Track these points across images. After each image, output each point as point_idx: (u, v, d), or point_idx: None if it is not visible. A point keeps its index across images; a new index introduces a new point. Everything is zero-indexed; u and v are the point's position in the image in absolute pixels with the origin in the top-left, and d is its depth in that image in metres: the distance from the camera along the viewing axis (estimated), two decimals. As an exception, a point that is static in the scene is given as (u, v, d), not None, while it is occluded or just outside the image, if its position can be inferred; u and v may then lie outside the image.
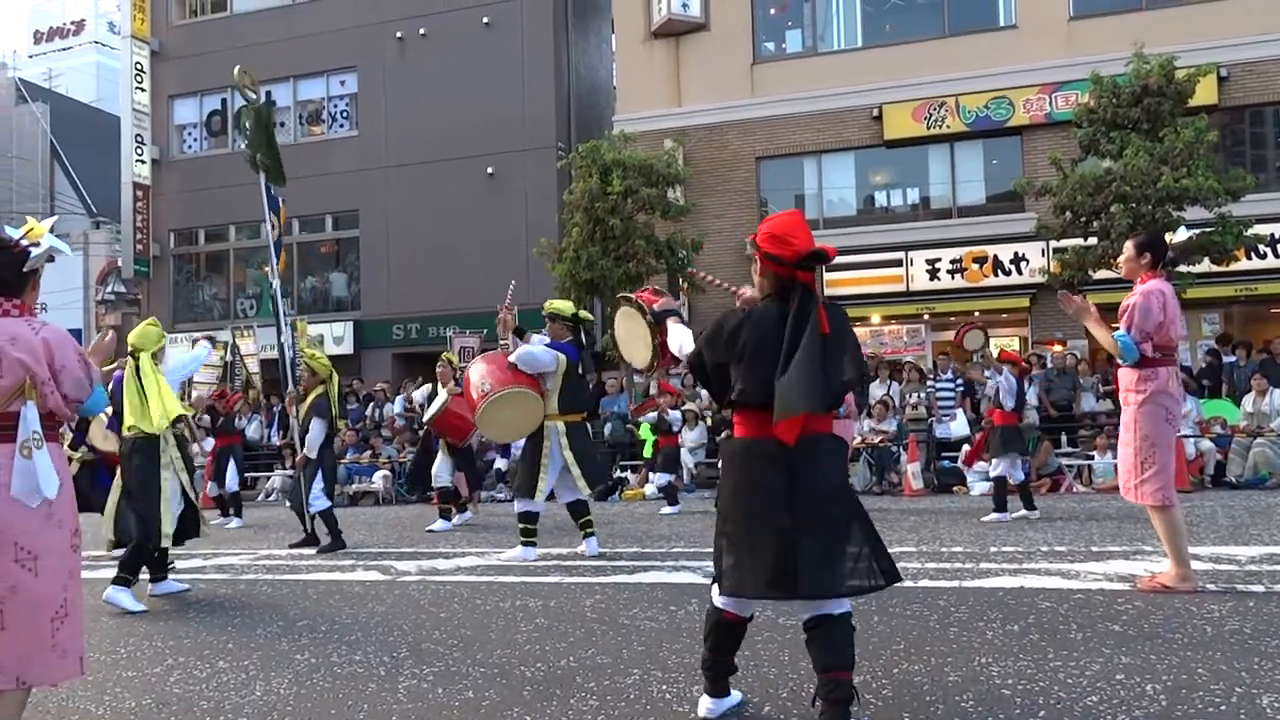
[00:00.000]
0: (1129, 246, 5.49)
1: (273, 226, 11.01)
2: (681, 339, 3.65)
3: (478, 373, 7.57)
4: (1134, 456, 5.26)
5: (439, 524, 10.31)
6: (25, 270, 3.27)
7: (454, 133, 21.46)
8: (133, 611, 6.06)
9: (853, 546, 3.11)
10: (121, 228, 24.96)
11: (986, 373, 9.85)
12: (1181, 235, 6.60)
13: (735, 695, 3.50)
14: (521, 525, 7.57)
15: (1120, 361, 5.36)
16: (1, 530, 3.07)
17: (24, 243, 3.28)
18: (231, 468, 12.32)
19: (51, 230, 3.37)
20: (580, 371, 7.64)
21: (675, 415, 13.57)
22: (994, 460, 9.53)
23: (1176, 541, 5.16)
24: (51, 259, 3.40)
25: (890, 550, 3.22)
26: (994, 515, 9.12)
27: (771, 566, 3.06)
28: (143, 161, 24.41)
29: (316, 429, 8.65)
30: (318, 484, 8.68)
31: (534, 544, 7.57)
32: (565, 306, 7.88)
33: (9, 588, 3.06)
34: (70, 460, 9.06)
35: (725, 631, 3.33)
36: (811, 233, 3.26)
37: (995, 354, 10.46)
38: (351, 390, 18.62)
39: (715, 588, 3.34)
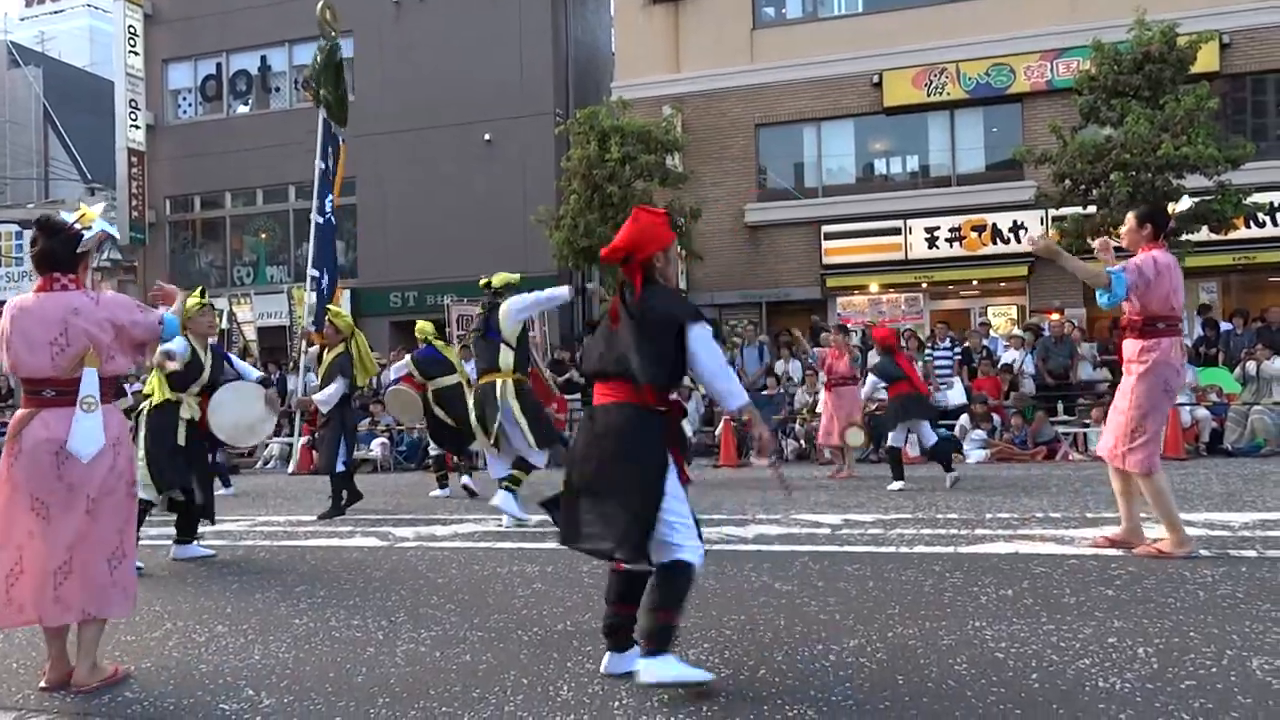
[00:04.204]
0: (1130, 218, 5.54)
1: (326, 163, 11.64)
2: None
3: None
4: (1126, 424, 5.31)
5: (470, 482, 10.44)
6: (79, 251, 3.71)
7: (451, 98, 21.27)
8: (204, 557, 6.62)
9: (625, 514, 3.29)
10: (117, 194, 24.80)
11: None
12: (1185, 205, 6.65)
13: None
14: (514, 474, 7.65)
15: (1100, 301, 5.38)
16: (78, 486, 3.55)
17: (77, 226, 3.72)
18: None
19: (102, 216, 3.83)
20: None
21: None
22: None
23: (1168, 507, 5.23)
24: (104, 241, 3.92)
25: (886, 516, 3.25)
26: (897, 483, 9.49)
27: (569, 519, 3.44)
28: (137, 127, 24.21)
29: (335, 387, 8.63)
30: (342, 447, 8.71)
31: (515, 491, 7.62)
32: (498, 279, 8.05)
33: (80, 535, 3.54)
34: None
35: (613, 580, 3.53)
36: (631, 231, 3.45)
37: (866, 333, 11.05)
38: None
39: None
